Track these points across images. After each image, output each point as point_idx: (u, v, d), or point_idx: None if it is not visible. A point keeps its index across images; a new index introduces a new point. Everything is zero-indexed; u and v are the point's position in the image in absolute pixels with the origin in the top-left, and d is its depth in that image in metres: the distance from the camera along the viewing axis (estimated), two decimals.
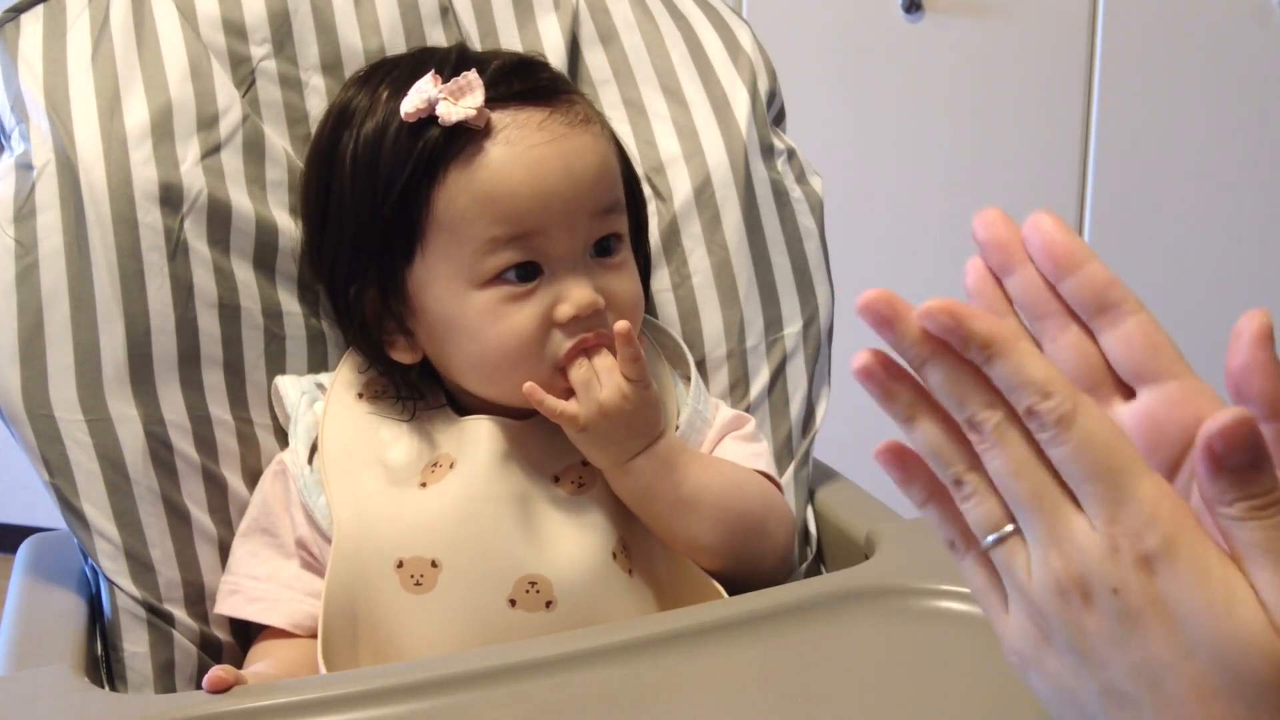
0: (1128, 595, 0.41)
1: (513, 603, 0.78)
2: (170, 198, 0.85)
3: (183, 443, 0.84)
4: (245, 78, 0.92)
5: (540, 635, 0.76)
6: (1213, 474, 0.39)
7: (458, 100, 0.78)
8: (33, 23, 0.89)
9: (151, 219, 0.84)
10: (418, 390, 0.86)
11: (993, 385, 0.43)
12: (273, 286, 0.89)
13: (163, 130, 0.86)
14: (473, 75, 0.79)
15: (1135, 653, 0.41)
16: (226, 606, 0.83)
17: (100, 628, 0.84)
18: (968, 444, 0.44)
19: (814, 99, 1.87)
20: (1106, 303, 0.46)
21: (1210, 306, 1.97)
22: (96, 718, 0.69)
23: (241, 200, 0.88)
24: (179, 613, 0.83)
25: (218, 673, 0.71)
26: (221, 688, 0.70)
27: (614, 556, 0.81)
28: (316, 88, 0.93)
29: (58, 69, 0.87)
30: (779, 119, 1.02)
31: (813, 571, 0.95)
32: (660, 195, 0.96)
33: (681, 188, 0.96)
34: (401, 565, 0.79)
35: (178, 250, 0.85)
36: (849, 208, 1.76)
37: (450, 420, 0.85)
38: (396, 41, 0.95)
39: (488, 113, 0.79)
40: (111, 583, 0.82)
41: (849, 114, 1.95)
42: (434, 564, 0.78)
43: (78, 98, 0.86)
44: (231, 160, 0.88)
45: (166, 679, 0.83)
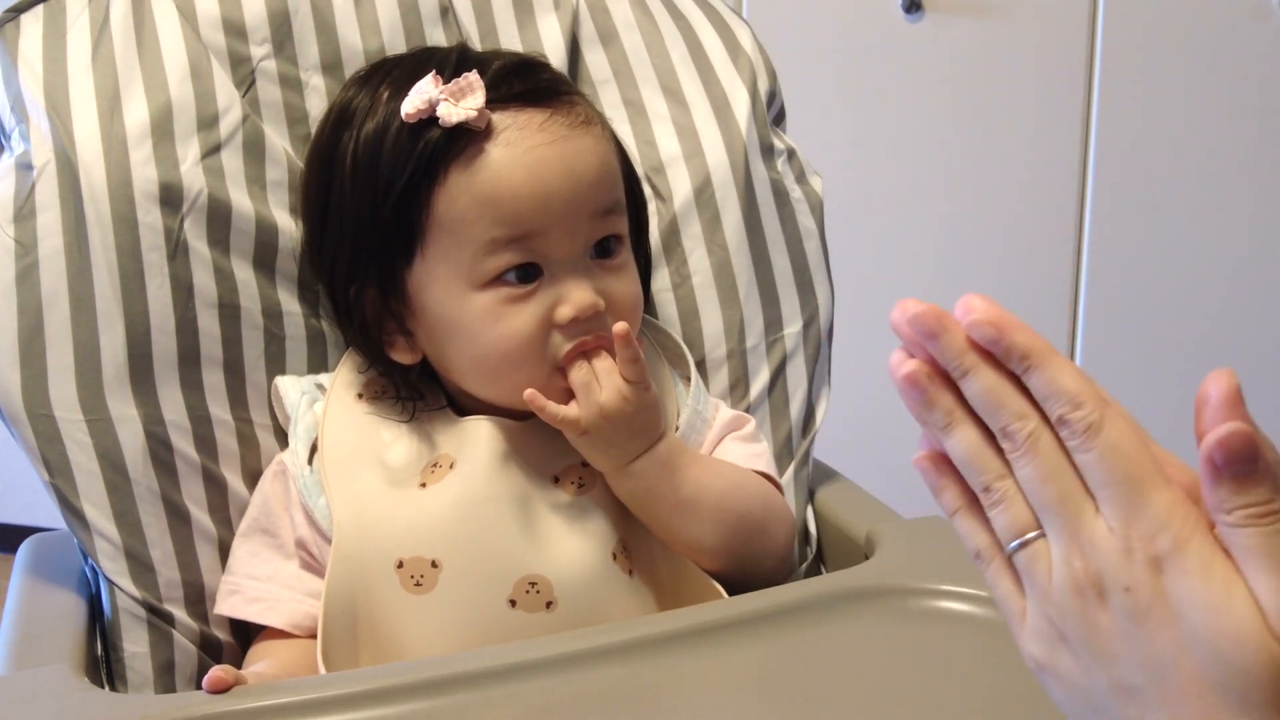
0: (1138, 593, 0.44)
1: (513, 603, 0.78)
2: (170, 198, 0.85)
3: (183, 443, 0.84)
4: (245, 78, 0.92)
5: (540, 636, 0.76)
6: (1213, 483, 0.42)
7: (458, 101, 0.78)
8: (33, 23, 0.89)
9: (151, 219, 0.84)
10: (417, 391, 0.86)
11: (1026, 396, 0.46)
12: (273, 286, 0.89)
13: (163, 130, 0.86)
14: (474, 76, 0.79)
15: (1143, 647, 0.44)
16: (226, 607, 0.83)
17: (100, 628, 0.84)
18: (999, 453, 0.47)
19: (814, 99, 1.87)
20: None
21: (1210, 306, 1.98)
22: (96, 718, 0.69)
23: (241, 200, 0.88)
24: (179, 613, 0.83)
25: (217, 673, 0.71)
26: (221, 688, 0.70)
27: (614, 557, 0.81)
28: (316, 88, 0.93)
29: (58, 69, 0.87)
30: (779, 119, 1.02)
31: (813, 571, 0.95)
32: (660, 195, 0.96)
33: (681, 188, 0.96)
34: (402, 565, 0.79)
35: (178, 250, 0.85)
36: (849, 208, 1.76)
37: (450, 421, 0.85)
38: (396, 41, 0.95)
39: (488, 114, 0.79)
40: (111, 583, 0.82)
41: (849, 114, 1.95)
42: (434, 564, 0.78)
43: (78, 98, 0.86)
44: (231, 160, 0.88)
45: (166, 679, 0.83)
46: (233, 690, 0.70)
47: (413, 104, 0.79)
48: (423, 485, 0.81)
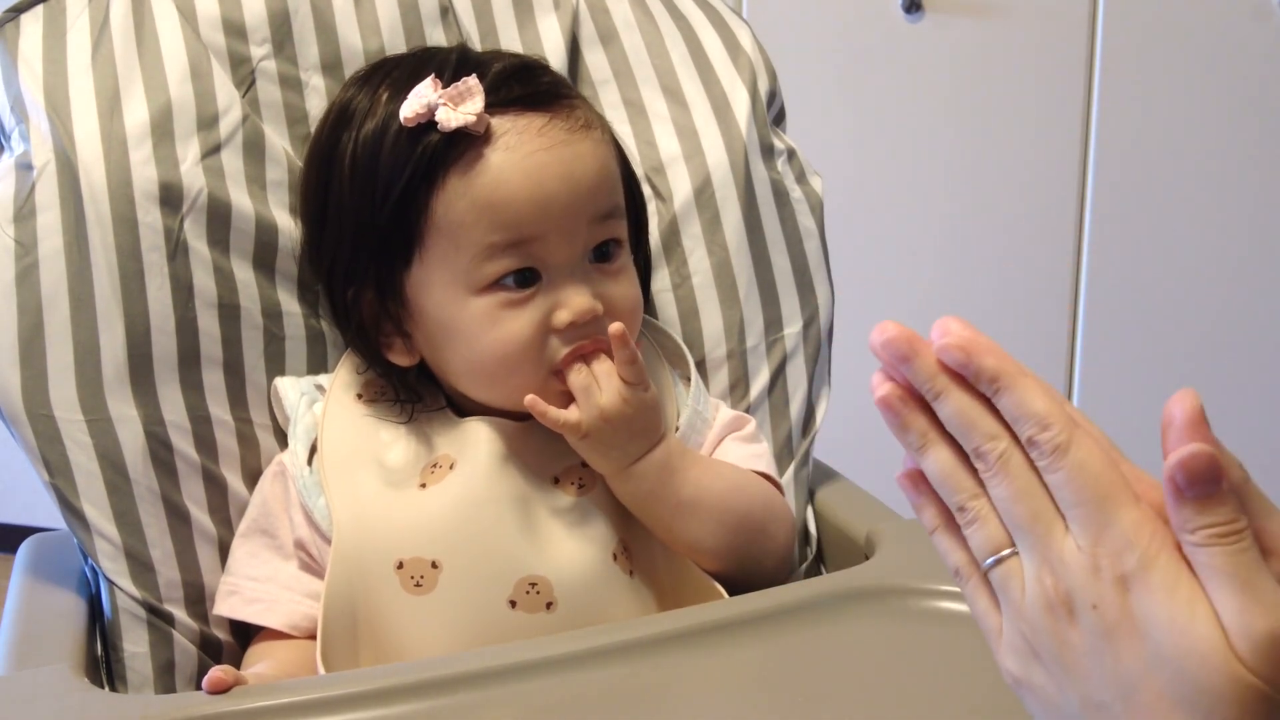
0: (1105, 611, 0.44)
1: (513, 604, 0.78)
2: (170, 198, 0.85)
3: (183, 443, 0.84)
4: (245, 78, 0.92)
5: (540, 636, 0.76)
6: (1176, 503, 0.43)
7: (457, 106, 0.78)
8: (33, 23, 0.89)
9: (151, 219, 0.84)
10: (415, 392, 0.86)
11: (998, 418, 0.47)
12: (272, 286, 0.89)
13: (163, 130, 0.86)
14: (473, 81, 0.78)
15: (1111, 665, 0.45)
16: (225, 607, 0.83)
17: (100, 628, 0.84)
18: (973, 474, 0.48)
19: (814, 99, 1.87)
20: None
21: (1210, 306, 1.98)
22: (96, 718, 0.69)
23: (241, 200, 0.88)
24: (179, 613, 0.83)
25: (217, 673, 0.71)
26: (221, 688, 0.70)
27: (614, 558, 0.81)
28: (316, 88, 0.93)
29: (58, 69, 0.87)
30: (779, 119, 1.02)
31: (813, 571, 0.95)
32: (660, 195, 0.96)
33: (681, 188, 0.96)
34: (401, 566, 0.79)
35: (178, 250, 0.85)
36: (849, 208, 1.76)
37: (450, 422, 0.85)
38: (396, 41, 0.95)
39: (487, 118, 0.79)
40: (111, 583, 0.82)
41: (849, 114, 1.95)
42: (434, 565, 0.78)
43: (78, 98, 0.86)
44: (231, 160, 0.88)
45: (166, 679, 0.83)
46: (232, 690, 0.70)
47: (411, 108, 0.78)
48: (422, 486, 0.81)
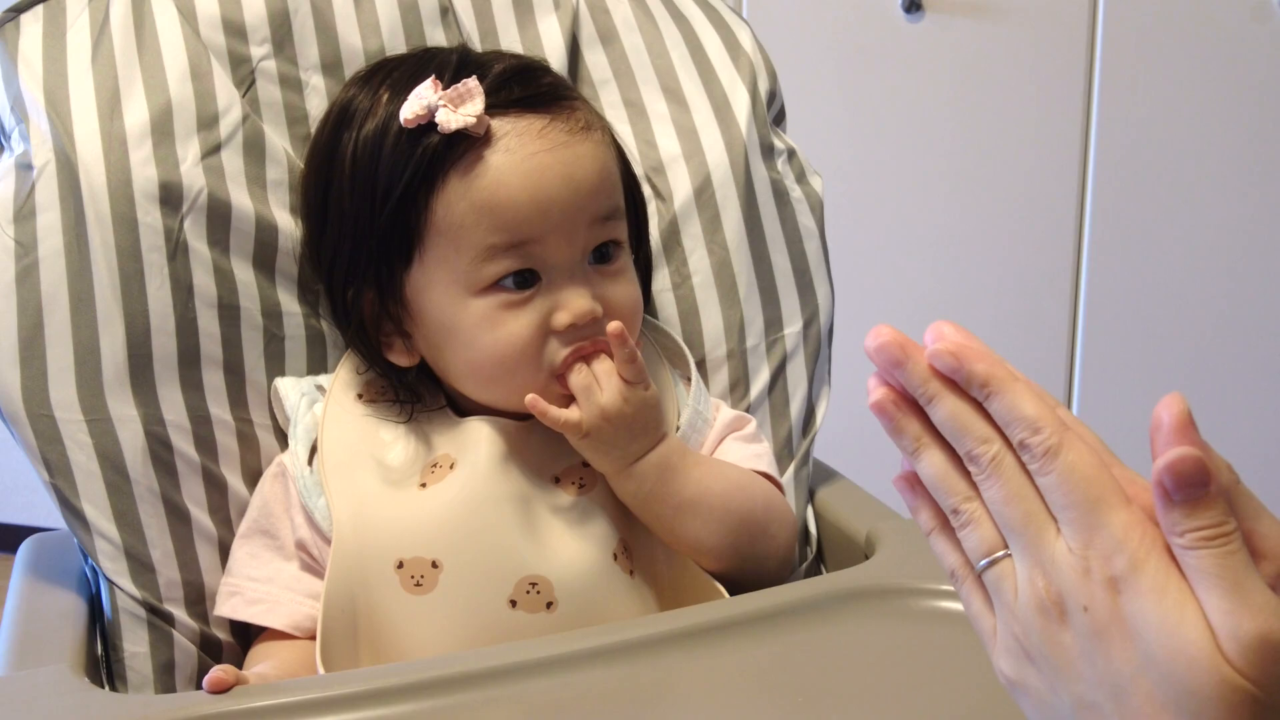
0: (1096, 613, 0.45)
1: (513, 603, 0.78)
2: (170, 197, 0.85)
3: (183, 443, 0.84)
4: (245, 78, 0.92)
5: (541, 636, 0.76)
6: (1165, 506, 0.43)
7: (457, 107, 0.78)
8: (33, 23, 0.89)
9: (151, 219, 0.84)
10: (415, 392, 0.86)
11: (991, 422, 0.47)
12: (272, 286, 0.89)
13: (163, 130, 0.86)
14: (473, 83, 0.78)
15: (1102, 666, 0.45)
16: (227, 608, 0.83)
17: (100, 628, 0.84)
18: (967, 477, 0.49)
19: (814, 99, 1.87)
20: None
21: (1210, 306, 1.98)
22: (96, 718, 0.69)
23: (242, 200, 0.88)
24: (179, 613, 0.83)
25: (218, 673, 0.71)
26: (222, 688, 0.70)
27: (615, 557, 0.81)
28: (316, 88, 0.93)
29: (58, 69, 0.87)
30: (779, 119, 1.02)
31: (813, 571, 0.95)
32: (660, 195, 0.96)
33: (681, 188, 0.96)
34: (402, 566, 0.79)
35: (178, 250, 0.85)
36: (849, 208, 1.76)
37: (450, 421, 0.85)
38: (396, 42, 0.95)
39: (487, 120, 0.79)
40: (111, 583, 0.82)
41: (849, 114, 1.95)
42: (434, 564, 0.78)
43: (78, 98, 0.86)
44: (232, 160, 0.88)
45: (166, 679, 0.83)
46: (233, 690, 0.70)
47: (411, 109, 0.78)
48: (423, 485, 0.81)
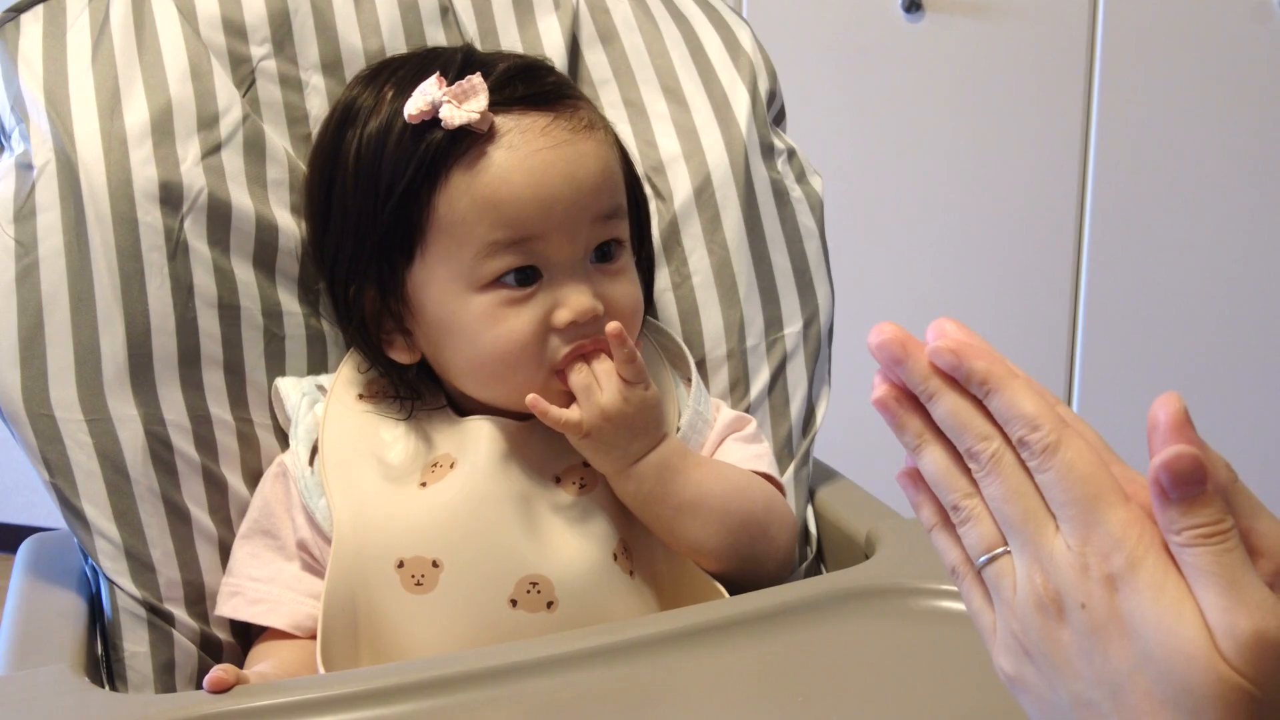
0: (1094, 610, 0.45)
1: (514, 603, 0.78)
2: (170, 197, 0.85)
3: (183, 443, 0.84)
4: (245, 77, 0.92)
5: (541, 636, 0.76)
6: (1162, 504, 0.43)
7: (461, 104, 0.78)
8: (33, 23, 0.89)
9: (151, 219, 0.84)
10: (415, 391, 0.86)
11: (991, 419, 0.48)
12: (273, 286, 0.89)
13: (163, 130, 0.86)
14: (477, 79, 0.79)
15: (1100, 664, 0.45)
16: (228, 609, 0.83)
17: (100, 628, 0.84)
18: (967, 474, 0.49)
19: (814, 99, 1.87)
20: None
21: (1210, 306, 1.98)
22: (96, 718, 0.69)
23: (242, 200, 0.88)
24: (179, 612, 0.83)
25: (218, 673, 0.71)
26: (222, 688, 0.70)
27: (615, 557, 0.81)
28: (316, 87, 0.93)
29: (58, 69, 0.87)
30: (779, 119, 1.02)
31: (813, 571, 0.95)
32: (660, 195, 0.96)
33: (681, 188, 0.96)
34: (402, 565, 0.79)
35: (178, 250, 0.85)
36: (849, 208, 1.76)
37: (450, 420, 0.85)
38: (396, 42, 0.95)
39: (491, 117, 0.79)
40: (111, 582, 0.82)
41: (849, 114, 1.95)
42: (435, 564, 0.78)
43: (78, 98, 0.86)
44: (232, 160, 0.88)
45: (167, 679, 0.83)
46: (233, 690, 0.70)
47: (415, 105, 0.79)
48: (423, 485, 0.81)
